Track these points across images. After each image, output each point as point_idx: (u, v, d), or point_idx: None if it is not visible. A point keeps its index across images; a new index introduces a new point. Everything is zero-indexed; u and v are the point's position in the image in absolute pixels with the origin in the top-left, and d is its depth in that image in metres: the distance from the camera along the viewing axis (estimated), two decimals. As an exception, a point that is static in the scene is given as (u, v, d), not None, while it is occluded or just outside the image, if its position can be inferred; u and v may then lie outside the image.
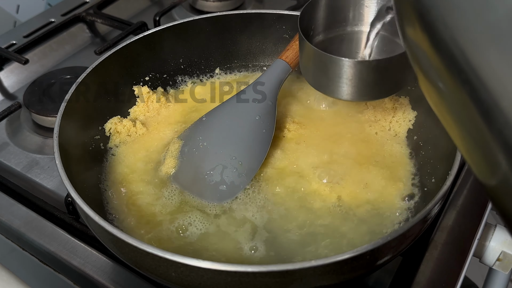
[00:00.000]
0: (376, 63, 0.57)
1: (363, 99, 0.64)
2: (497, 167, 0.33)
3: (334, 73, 0.59)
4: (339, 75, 0.58)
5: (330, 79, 0.60)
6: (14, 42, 1.01)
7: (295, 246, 0.60)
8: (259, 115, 0.69)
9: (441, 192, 0.53)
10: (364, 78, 0.58)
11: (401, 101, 0.74)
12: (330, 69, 0.59)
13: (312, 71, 0.63)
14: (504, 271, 0.68)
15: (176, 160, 0.68)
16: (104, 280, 0.61)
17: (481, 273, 0.85)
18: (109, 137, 0.73)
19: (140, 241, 0.48)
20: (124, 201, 0.65)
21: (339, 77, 0.59)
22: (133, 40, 0.74)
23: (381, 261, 0.52)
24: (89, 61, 0.72)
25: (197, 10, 1.15)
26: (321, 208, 0.63)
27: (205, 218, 0.63)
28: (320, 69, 0.61)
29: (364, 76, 0.58)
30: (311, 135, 0.72)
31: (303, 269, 0.46)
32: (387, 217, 0.63)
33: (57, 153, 0.58)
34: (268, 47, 0.84)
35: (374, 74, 0.58)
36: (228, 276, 0.46)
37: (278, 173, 0.68)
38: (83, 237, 0.66)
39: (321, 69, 0.60)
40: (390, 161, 0.69)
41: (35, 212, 0.68)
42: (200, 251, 0.59)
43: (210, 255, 0.59)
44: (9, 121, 0.86)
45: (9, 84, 0.95)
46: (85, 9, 1.09)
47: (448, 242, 0.64)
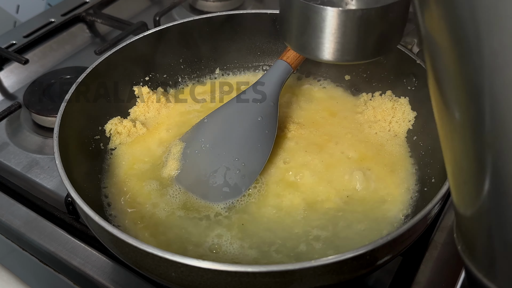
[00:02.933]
0: (362, 13, 0.52)
1: (346, 59, 0.57)
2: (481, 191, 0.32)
3: (316, 26, 0.53)
4: (321, 28, 0.53)
5: (312, 34, 0.54)
6: (14, 42, 1.01)
7: (294, 243, 0.60)
8: (261, 116, 0.69)
9: (441, 192, 0.53)
10: (348, 31, 0.53)
11: (401, 101, 0.74)
12: (311, 22, 0.53)
13: (293, 29, 0.57)
14: (504, 271, 0.68)
15: (178, 162, 0.68)
16: (104, 280, 0.61)
17: (481, 273, 0.85)
18: (109, 137, 0.73)
19: (140, 241, 0.48)
20: (124, 201, 0.65)
21: (321, 31, 0.53)
22: (133, 40, 0.74)
23: (381, 261, 0.52)
24: (89, 61, 0.72)
25: (197, 10, 1.15)
26: (321, 208, 0.63)
27: (206, 218, 0.63)
28: (301, 24, 0.55)
29: (349, 28, 0.53)
30: (311, 135, 0.72)
31: (303, 269, 0.46)
32: (387, 217, 0.63)
33: (57, 153, 0.58)
34: (268, 47, 0.84)
35: (360, 27, 0.53)
36: (228, 276, 0.46)
37: (279, 173, 0.68)
38: (83, 237, 0.66)
39: (302, 24, 0.55)
40: (390, 161, 0.69)
41: (35, 212, 0.68)
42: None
43: (210, 255, 0.59)
44: (9, 121, 0.86)
45: (9, 84, 0.95)
46: (85, 9, 1.09)
47: (448, 242, 0.64)
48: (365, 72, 0.78)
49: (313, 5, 0.52)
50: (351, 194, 0.65)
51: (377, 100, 0.76)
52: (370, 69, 0.77)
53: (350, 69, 0.80)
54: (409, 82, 0.72)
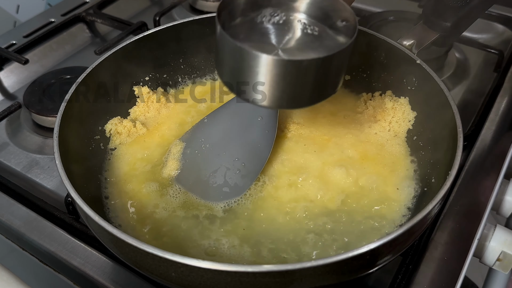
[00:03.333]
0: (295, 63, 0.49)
1: (278, 106, 0.54)
2: None
3: (250, 69, 0.50)
4: (255, 72, 0.50)
5: (244, 75, 0.51)
6: (14, 42, 1.01)
7: (295, 243, 0.60)
8: (261, 116, 0.69)
9: (441, 192, 0.53)
10: (280, 79, 0.50)
11: (401, 101, 0.74)
12: (244, 64, 0.50)
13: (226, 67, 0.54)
14: (504, 271, 0.68)
15: (178, 162, 0.68)
16: (104, 280, 0.61)
17: (481, 273, 0.85)
18: (109, 137, 0.73)
19: (140, 241, 0.48)
20: (124, 201, 0.65)
21: (255, 74, 0.50)
22: (133, 40, 0.74)
23: (381, 261, 0.52)
24: (89, 61, 0.72)
25: (197, 10, 1.15)
26: (321, 208, 0.63)
27: (206, 218, 0.63)
28: (234, 65, 0.52)
29: (281, 76, 0.50)
30: (311, 135, 0.72)
31: (303, 269, 0.46)
32: (387, 217, 0.63)
33: (57, 153, 0.58)
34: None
35: (293, 76, 0.50)
36: (228, 276, 0.46)
37: (279, 173, 0.68)
38: (83, 237, 0.66)
39: (235, 65, 0.52)
40: (390, 161, 0.69)
41: (35, 212, 0.68)
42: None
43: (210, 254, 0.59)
44: (9, 121, 0.87)
45: (9, 84, 0.95)
46: (85, 9, 1.09)
47: (448, 242, 0.64)
48: (365, 72, 0.78)
49: (248, 50, 0.49)
50: (351, 194, 0.65)
51: (377, 100, 0.76)
52: (370, 69, 0.77)
53: (350, 69, 0.80)
54: (409, 82, 0.72)
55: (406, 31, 0.74)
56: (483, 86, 0.93)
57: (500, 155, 0.75)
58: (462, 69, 0.98)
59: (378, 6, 1.12)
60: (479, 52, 1.00)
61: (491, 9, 1.05)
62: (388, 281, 0.62)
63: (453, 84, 0.95)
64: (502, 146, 0.77)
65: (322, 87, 0.53)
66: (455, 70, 0.97)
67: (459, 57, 1.00)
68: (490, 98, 0.87)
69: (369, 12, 1.10)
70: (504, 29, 1.06)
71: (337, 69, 0.53)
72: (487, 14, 1.06)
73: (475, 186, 0.71)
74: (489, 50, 0.98)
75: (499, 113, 0.83)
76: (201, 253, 0.59)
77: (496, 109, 0.84)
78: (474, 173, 0.73)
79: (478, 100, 0.89)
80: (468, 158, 0.75)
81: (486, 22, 1.07)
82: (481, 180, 0.72)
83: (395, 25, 1.03)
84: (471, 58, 1.00)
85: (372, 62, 0.76)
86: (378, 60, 0.74)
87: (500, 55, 0.95)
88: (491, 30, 1.07)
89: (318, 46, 0.55)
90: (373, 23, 1.03)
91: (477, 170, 0.73)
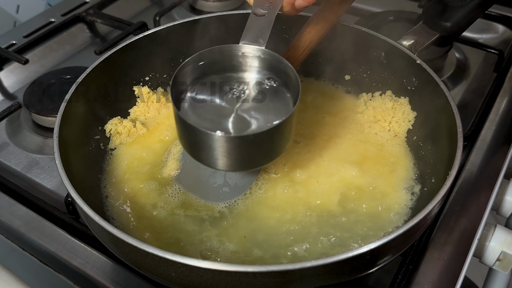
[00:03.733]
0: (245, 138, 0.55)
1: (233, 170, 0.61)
2: None
3: (203, 143, 0.56)
4: (208, 145, 0.56)
5: (199, 147, 0.57)
6: (14, 42, 1.01)
7: (295, 243, 0.60)
8: None
9: (441, 192, 0.53)
10: (231, 150, 0.55)
11: (401, 101, 0.74)
12: (197, 139, 0.56)
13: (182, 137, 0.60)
14: (504, 271, 0.68)
15: (178, 162, 0.68)
16: (104, 280, 0.61)
17: (481, 273, 0.85)
18: (109, 137, 0.73)
19: (140, 241, 0.48)
20: (124, 201, 0.65)
21: (208, 147, 0.56)
22: (133, 40, 0.74)
23: (381, 261, 0.52)
24: (89, 61, 0.72)
25: (197, 10, 1.15)
26: (321, 208, 0.63)
27: (206, 218, 0.63)
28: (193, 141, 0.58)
29: (231, 148, 0.55)
30: (311, 135, 0.72)
31: (303, 269, 0.46)
32: (387, 217, 0.63)
33: (57, 153, 0.58)
34: (268, 47, 0.84)
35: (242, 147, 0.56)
36: (228, 276, 0.46)
37: (280, 173, 0.68)
38: (83, 237, 0.66)
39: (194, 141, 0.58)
40: (390, 161, 0.69)
41: (35, 212, 0.68)
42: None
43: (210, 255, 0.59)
44: (9, 121, 0.87)
45: (9, 84, 0.95)
46: (85, 9, 1.09)
47: (448, 242, 0.64)
48: (365, 72, 0.78)
49: (201, 130, 0.55)
50: (351, 194, 0.65)
51: (377, 100, 0.76)
52: (370, 69, 0.77)
53: (350, 69, 0.80)
54: (409, 82, 0.72)
55: (406, 31, 0.74)
56: (483, 86, 0.93)
57: (500, 155, 0.75)
58: (462, 69, 0.98)
59: (378, 6, 1.12)
60: (479, 52, 1.00)
61: (491, 9, 1.04)
62: (388, 281, 0.62)
63: (453, 84, 0.95)
64: (502, 146, 0.77)
65: (273, 149, 0.58)
66: (455, 70, 0.97)
67: (459, 57, 1.00)
68: (490, 98, 0.87)
69: (369, 12, 1.10)
70: (504, 29, 1.06)
71: (285, 132, 0.58)
72: (487, 14, 1.06)
73: (475, 186, 0.71)
74: (489, 50, 0.98)
75: (499, 113, 0.83)
76: (201, 253, 0.59)
77: (496, 109, 0.84)
78: (474, 173, 0.73)
79: (478, 100, 0.89)
80: (468, 158, 0.75)
81: (486, 22, 1.07)
82: (481, 180, 0.72)
83: (395, 25, 1.03)
84: (471, 58, 1.00)
85: (372, 62, 0.76)
86: (378, 60, 0.74)
87: (500, 55, 0.95)
88: (491, 30, 1.07)
89: (272, 107, 0.60)
90: (373, 23, 1.03)
91: (477, 170, 0.73)
